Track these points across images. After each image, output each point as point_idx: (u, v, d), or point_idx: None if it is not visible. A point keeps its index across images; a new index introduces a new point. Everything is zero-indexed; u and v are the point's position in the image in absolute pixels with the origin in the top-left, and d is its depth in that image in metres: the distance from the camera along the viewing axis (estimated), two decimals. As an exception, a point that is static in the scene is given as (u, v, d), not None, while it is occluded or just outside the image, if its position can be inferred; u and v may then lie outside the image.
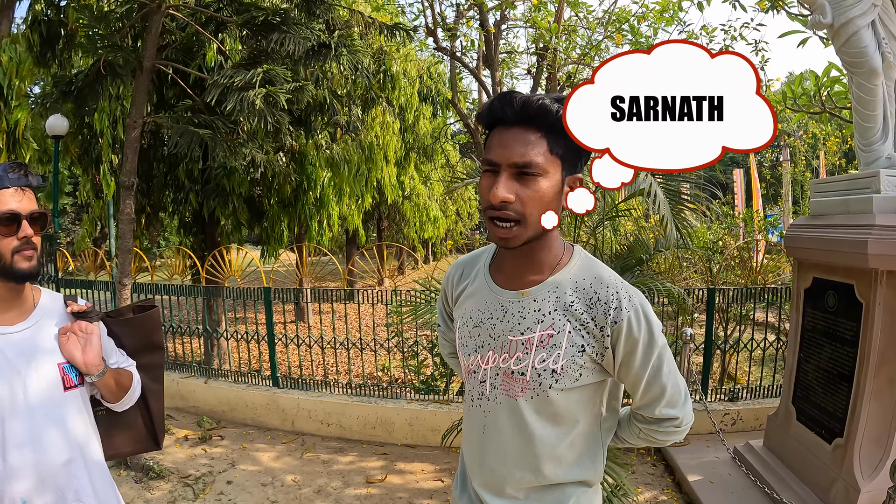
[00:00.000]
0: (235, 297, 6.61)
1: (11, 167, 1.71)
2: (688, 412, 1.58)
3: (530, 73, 7.11)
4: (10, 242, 1.69)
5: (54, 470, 1.76)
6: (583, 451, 1.59)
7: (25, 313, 1.80)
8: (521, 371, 1.51)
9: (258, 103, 4.59)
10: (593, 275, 1.51)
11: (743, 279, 6.25)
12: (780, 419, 4.36)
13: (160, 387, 2.20)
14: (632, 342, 1.46)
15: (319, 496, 4.76)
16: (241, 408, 6.44)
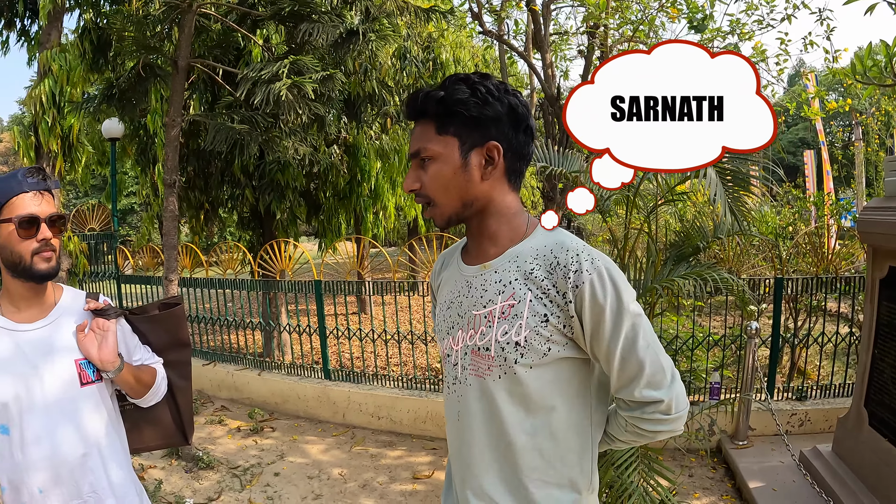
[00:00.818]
0: (287, 290, 6.61)
1: (30, 172, 1.78)
2: (677, 396, 1.42)
3: (581, 53, 6.89)
4: (29, 244, 1.74)
5: (70, 463, 1.81)
6: (566, 445, 1.46)
7: (45, 311, 1.86)
8: (485, 346, 1.45)
9: (284, 93, 4.54)
10: (554, 241, 1.45)
11: (814, 267, 5.88)
12: (851, 423, 3.94)
13: (188, 383, 2.23)
14: (598, 308, 1.36)
15: (364, 491, 4.71)
16: (293, 400, 6.48)
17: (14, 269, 1.77)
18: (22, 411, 1.76)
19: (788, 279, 5.36)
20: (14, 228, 1.72)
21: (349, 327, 6.34)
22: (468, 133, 1.43)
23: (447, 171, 1.44)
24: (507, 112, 1.43)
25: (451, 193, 1.45)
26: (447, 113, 1.42)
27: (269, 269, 6.91)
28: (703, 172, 2.80)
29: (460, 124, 1.42)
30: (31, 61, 9.32)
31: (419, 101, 1.45)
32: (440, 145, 1.43)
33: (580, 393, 1.47)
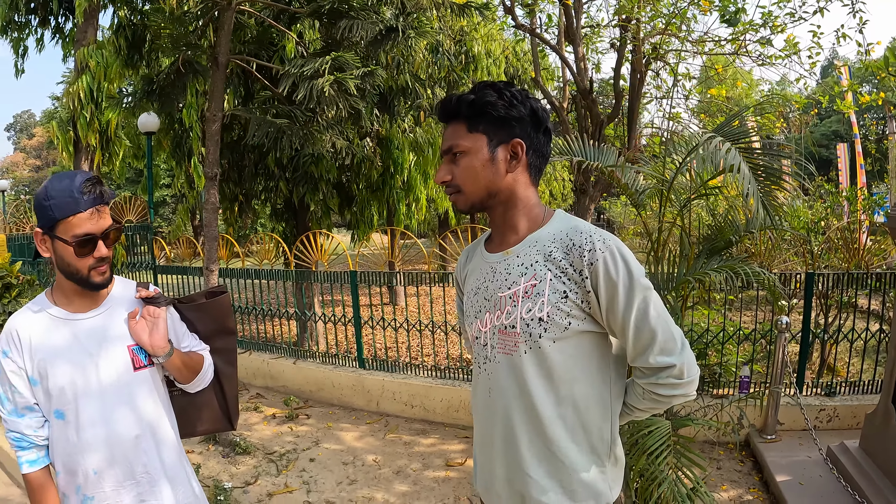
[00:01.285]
0: (323, 280, 6.74)
1: (86, 187, 1.77)
2: (688, 361, 1.58)
3: (614, 46, 6.89)
4: (87, 262, 1.81)
5: (124, 445, 1.89)
6: (588, 415, 1.63)
7: (98, 301, 1.94)
8: (511, 324, 1.61)
9: (327, 90, 4.66)
10: (570, 226, 1.62)
11: (845, 263, 5.84)
12: (879, 419, 3.91)
13: (234, 370, 2.30)
14: (611, 283, 1.52)
15: (398, 477, 4.81)
16: (327, 388, 6.61)
17: (70, 278, 1.84)
18: (78, 396, 1.84)
19: (819, 274, 5.32)
20: (72, 250, 1.78)
21: (383, 317, 6.45)
22: (495, 131, 1.61)
23: (477, 164, 1.62)
24: (529, 114, 1.62)
25: (479, 183, 1.63)
26: (477, 113, 1.61)
27: (305, 259, 7.05)
28: (736, 167, 2.83)
29: (489, 123, 1.61)
30: (66, 58, 9.53)
31: (452, 104, 1.64)
32: (471, 141, 1.62)
33: (600, 366, 1.64)
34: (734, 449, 5.01)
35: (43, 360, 1.82)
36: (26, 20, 8.42)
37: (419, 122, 9.76)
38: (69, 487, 1.89)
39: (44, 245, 1.83)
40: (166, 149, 9.85)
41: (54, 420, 1.86)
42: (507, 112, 1.60)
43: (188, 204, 10.93)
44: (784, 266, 6.72)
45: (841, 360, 6.66)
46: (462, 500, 4.40)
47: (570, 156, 3.56)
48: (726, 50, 6.88)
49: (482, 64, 10.87)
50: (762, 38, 6.36)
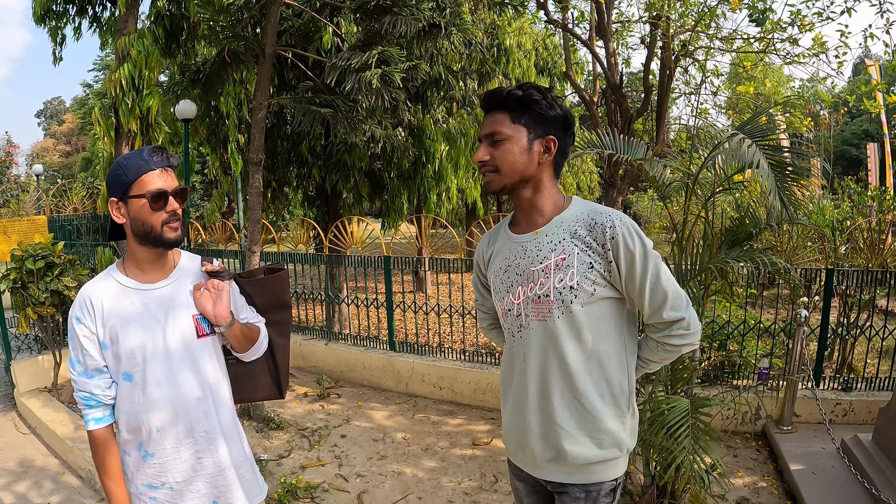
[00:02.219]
0: (356, 265, 6.95)
1: (154, 151, 1.95)
2: (692, 315, 1.87)
3: (644, 42, 6.99)
4: (160, 216, 1.94)
5: (186, 405, 2.06)
6: (610, 369, 1.89)
7: (167, 272, 2.09)
8: (545, 293, 1.86)
9: (375, 82, 4.87)
10: (590, 208, 1.89)
11: (869, 262, 5.89)
12: (892, 413, 4.02)
13: (286, 342, 2.45)
14: (629, 254, 1.79)
15: (426, 454, 5.02)
16: (358, 369, 6.83)
17: (145, 238, 1.96)
18: (146, 359, 1.99)
19: (840, 271, 5.39)
20: (146, 202, 1.91)
21: (415, 301, 6.64)
22: (535, 126, 1.87)
23: (515, 150, 1.86)
24: (562, 118, 1.89)
25: (514, 168, 1.88)
26: (522, 108, 1.85)
27: (339, 245, 7.26)
28: (755, 163, 2.98)
29: (530, 118, 1.86)
30: (103, 46, 9.76)
31: (502, 96, 1.87)
32: (513, 131, 1.86)
33: (616, 327, 1.91)
34: (751, 438, 5.13)
35: (114, 325, 1.97)
36: (64, 9, 8.65)
37: (451, 113, 9.88)
38: (131, 444, 2.06)
39: (119, 212, 1.97)
40: (202, 135, 10.08)
41: (122, 381, 2.00)
42: (547, 112, 1.85)
43: (222, 189, 11.17)
44: (808, 263, 6.78)
45: (860, 359, 6.70)
46: (488, 476, 4.59)
47: (600, 149, 3.71)
48: (755, 48, 6.95)
49: (513, 57, 10.96)
50: (790, 37, 6.43)
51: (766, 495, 4.25)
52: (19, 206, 16.08)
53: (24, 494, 4.50)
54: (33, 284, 5.80)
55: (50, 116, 63.32)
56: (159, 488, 2.06)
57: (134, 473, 2.07)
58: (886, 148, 14.31)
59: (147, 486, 2.06)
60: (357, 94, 5.14)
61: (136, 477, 2.07)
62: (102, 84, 8.51)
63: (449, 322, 6.65)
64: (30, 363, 6.42)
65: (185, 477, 2.07)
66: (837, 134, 33.93)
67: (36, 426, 5.67)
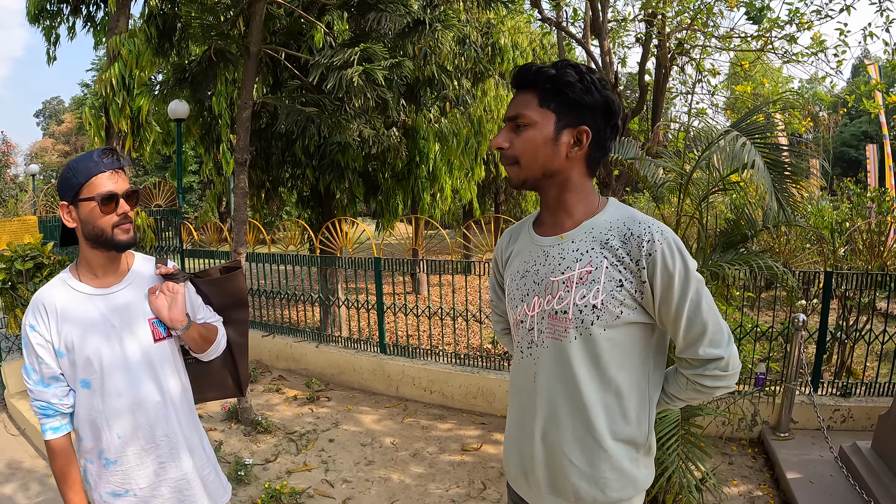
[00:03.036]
0: (347, 266, 6.87)
1: (104, 152, 1.90)
2: (732, 354, 1.58)
3: (639, 41, 6.89)
4: (110, 219, 1.90)
5: (146, 410, 2.03)
6: (629, 403, 1.62)
7: (120, 276, 2.05)
8: (563, 309, 1.59)
9: (356, 80, 4.78)
10: (627, 215, 1.60)
11: (869, 264, 5.79)
12: (891, 421, 3.89)
13: (245, 340, 2.42)
14: (667, 275, 1.51)
15: (414, 459, 4.93)
16: (348, 372, 6.75)
17: (96, 241, 1.93)
18: (103, 366, 1.95)
19: (839, 273, 5.29)
20: (96, 205, 1.88)
21: (406, 303, 6.56)
22: (566, 112, 1.57)
23: (539, 140, 1.58)
24: (602, 105, 1.58)
25: (536, 160, 1.60)
26: (553, 90, 1.57)
27: (330, 246, 7.17)
28: (750, 162, 2.88)
29: (561, 103, 1.57)
30: (97, 46, 9.72)
31: (531, 73, 1.59)
32: (539, 115, 1.58)
33: (642, 355, 1.63)
34: (747, 445, 5.04)
35: (69, 333, 1.93)
36: (58, 9, 8.60)
37: (445, 113, 9.80)
38: (92, 452, 2.01)
39: (70, 216, 1.93)
40: (195, 135, 10.01)
41: (80, 389, 1.97)
42: (581, 97, 1.56)
43: (216, 190, 11.10)
44: (807, 265, 6.69)
45: (860, 363, 6.61)
46: (476, 482, 4.51)
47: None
48: (752, 46, 6.86)
49: (508, 56, 10.88)
50: (787, 35, 6.34)
51: (761, 504, 4.14)
52: (17, 206, 16.03)
53: (10, 496, 4.46)
54: (22, 285, 5.74)
55: (49, 116, 63.30)
56: (123, 496, 2.03)
57: (97, 482, 2.03)
58: (886, 149, 14.22)
59: (111, 495, 2.03)
60: (339, 93, 5.06)
61: (100, 485, 2.03)
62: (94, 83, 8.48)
63: (440, 325, 6.55)
64: (19, 364, 6.32)
65: (149, 483, 2.05)
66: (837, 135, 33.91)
67: (25, 428, 5.63)
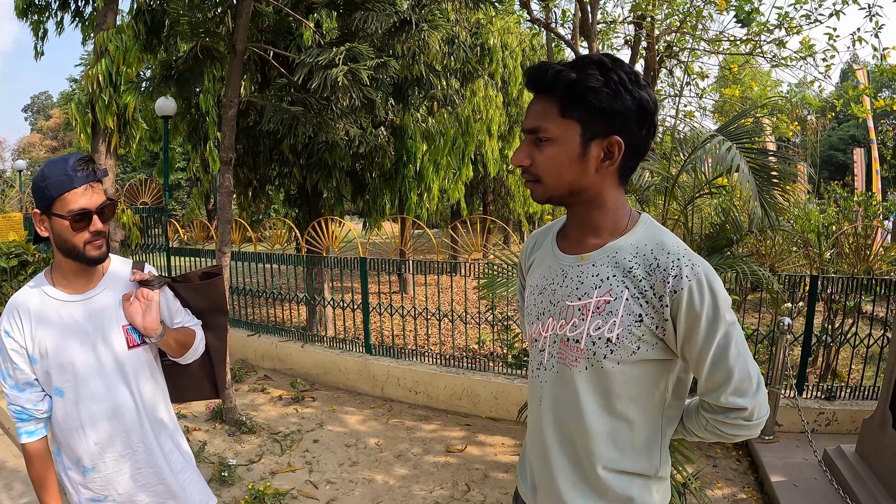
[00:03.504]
0: (333, 266, 6.83)
1: (79, 165, 1.84)
2: (760, 404, 1.42)
3: (628, 43, 6.90)
4: (82, 236, 1.86)
5: (121, 417, 2.00)
6: (639, 435, 1.48)
7: (94, 281, 2.00)
8: (575, 339, 1.45)
9: (341, 79, 4.75)
10: (655, 241, 1.42)
11: (855, 268, 5.81)
12: (876, 424, 3.88)
13: (223, 344, 2.38)
14: (693, 315, 1.34)
15: (399, 460, 4.91)
16: (334, 372, 6.71)
17: (67, 255, 1.89)
18: (77, 374, 1.92)
19: (825, 277, 5.30)
20: (68, 223, 1.83)
21: (392, 304, 6.52)
22: (592, 122, 1.36)
23: (563, 157, 1.39)
24: (636, 107, 1.37)
25: (562, 179, 1.41)
26: (575, 97, 1.35)
27: (316, 245, 7.14)
28: (735, 165, 2.87)
29: (585, 111, 1.36)
30: (85, 41, 9.63)
31: (548, 77, 1.37)
32: (561, 128, 1.37)
33: (658, 388, 1.47)
34: (731, 448, 5.04)
35: (42, 339, 1.90)
36: (46, 3, 8.53)
37: (433, 113, 9.77)
38: (70, 460, 1.99)
39: (42, 225, 1.89)
40: (183, 133, 9.94)
41: (54, 396, 1.94)
42: (610, 103, 1.34)
43: (203, 188, 11.03)
44: (793, 269, 6.70)
45: (846, 366, 6.64)
46: (461, 484, 4.49)
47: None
48: (741, 50, 6.89)
49: (497, 56, 10.87)
50: (776, 39, 6.37)
51: (745, 507, 4.14)
52: (4, 202, 15.91)
53: (-7, 497, 4.40)
54: (6, 283, 5.68)
55: (37, 111, 62.94)
56: (103, 502, 2.00)
57: (77, 488, 2.01)
58: (873, 153, 14.31)
59: (91, 501, 2.01)
60: (324, 92, 5.03)
61: (80, 491, 2.01)
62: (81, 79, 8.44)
63: (426, 325, 6.54)
64: (1, 364, 6.26)
65: (126, 489, 2.02)
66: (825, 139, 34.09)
67: (9, 427, 5.55)
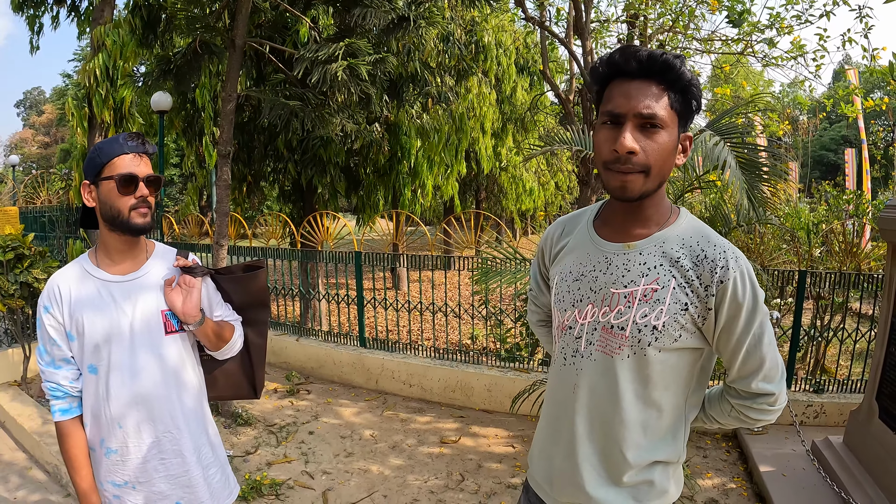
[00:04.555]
0: (328, 260, 6.89)
1: (130, 136, 1.91)
2: (783, 390, 1.52)
3: (621, 42, 6.97)
4: (128, 201, 1.88)
5: (150, 402, 1.99)
6: (668, 424, 1.55)
7: (138, 264, 2.02)
8: (621, 325, 1.48)
9: (340, 75, 4.80)
10: (701, 233, 1.47)
11: (843, 265, 5.88)
12: (862, 416, 3.96)
13: (263, 342, 2.37)
14: (736, 305, 1.42)
15: (393, 451, 4.97)
16: (328, 365, 6.77)
17: (112, 223, 1.91)
18: (111, 352, 1.93)
19: (813, 273, 5.35)
20: (115, 185, 1.86)
21: (385, 298, 6.57)
22: (684, 116, 1.43)
23: (670, 146, 1.41)
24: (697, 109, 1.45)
25: (664, 170, 1.43)
26: (681, 89, 1.39)
27: (311, 240, 7.19)
28: (722, 160, 2.93)
29: (684, 105, 1.41)
30: (80, 36, 9.68)
31: (658, 62, 1.37)
32: (670, 118, 1.39)
33: (687, 378, 1.54)
34: (721, 439, 5.12)
35: (81, 317, 1.91)
36: (42, -3, 8.55)
37: (427, 109, 9.83)
38: (94, 439, 2.00)
39: (90, 195, 1.93)
40: (178, 128, 9.98)
41: (87, 374, 1.95)
42: (700, 100, 1.42)
43: (197, 183, 11.07)
44: (782, 265, 6.78)
45: (833, 361, 6.72)
46: (455, 474, 4.55)
47: (569, 145, 3.68)
48: (733, 50, 6.97)
49: (492, 54, 10.96)
50: (766, 39, 6.45)
51: (735, 497, 4.22)
52: (-2, 197, 15.87)
53: (-12, 489, 4.41)
54: (3, 276, 5.69)
55: (29, 107, 62.57)
56: (122, 486, 2.00)
57: (98, 469, 2.02)
58: (864, 153, 14.42)
59: (111, 484, 2.01)
60: (323, 87, 5.08)
61: (101, 473, 2.02)
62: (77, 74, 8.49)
63: (420, 319, 6.59)
64: None
65: (147, 477, 2.01)
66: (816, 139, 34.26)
67: (4, 420, 5.56)
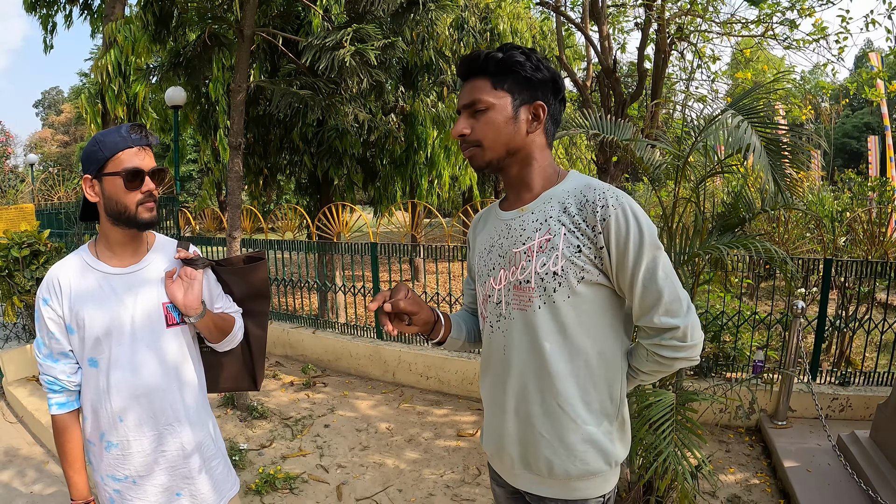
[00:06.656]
0: (344, 252, 6.83)
1: (133, 128, 1.88)
2: (692, 325, 1.57)
3: (638, 26, 6.84)
4: (135, 196, 1.86)
5: (150, 395, 1.96)
6: (599, 373, 1.64)
7: (139, 257, 2.00)
8: (526, 279, 1.63)
9: (348, 61, 4.72)
10: (584, 183, 1.63)
11: (869, 254, 5.73)
12: (890, 410, 3.83)
13: (264, 333, 2.35)
14: (622, 239, 1.53)
15: (410, 445, 4.91)
16: (345, 358, 6.73)
17: (118, 218, 1.88)
18: (112, 346, 1.91)
19: (839, 261, 5.23)
20: (121, 182, 1.84)
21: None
22: (520, 91, 1.63)
23: (500, 120, 1.63)
24: (551, 80, 1.66)
25: (499, 140, 1.64)
26: (504, 71, 1.62)
27: (327, 232, 7.15)
28: (746, 140, 2.82)
29: (514, 83, 1.63)
30: (94, 34, 9.71)
31: (480, 60, 1.64)
32: (495, 98, 1.62)
33: (612, 324, 1.65)
34: (744, 433, 5.01)
35: (81, 309, 1.89)
36: (55, -3, 8.57)
37: (443, 98, 9.75)
38: (94, 434, 1.97)
39: (92, 190, 1.89)
40: (193, 123, 9.97)
41: (87, 367, 1.93)
42: (533, 74, 1.63)
43: (213, 177, 11.07)
44: (806, 254, 6.64)
45: (859, 353, 6.55)
46: (471, 468, 4.48)
47: (586, 129, 3.58)
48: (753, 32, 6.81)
49: (507, 41, 10.81)
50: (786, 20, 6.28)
51: (758, 493, 4.11)
52: (17, 196, 16.03)
53: (7, 483, 4.44)
54: (19, 272, 5.71)
55: (48, 107, 63.31)
56: (122, 480, 1.98)
57: (98, 463, 2.00)
58: (888, 140, 14.16)
59: (110, 478, 1.99)
60: (332, 74, 5.00)
61: (100, 467, 2.00)
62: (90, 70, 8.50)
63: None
64: (17, 352, 6.30)
65: (148, 471, 1.99)
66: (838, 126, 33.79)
67: (23, 415, 5.61)
